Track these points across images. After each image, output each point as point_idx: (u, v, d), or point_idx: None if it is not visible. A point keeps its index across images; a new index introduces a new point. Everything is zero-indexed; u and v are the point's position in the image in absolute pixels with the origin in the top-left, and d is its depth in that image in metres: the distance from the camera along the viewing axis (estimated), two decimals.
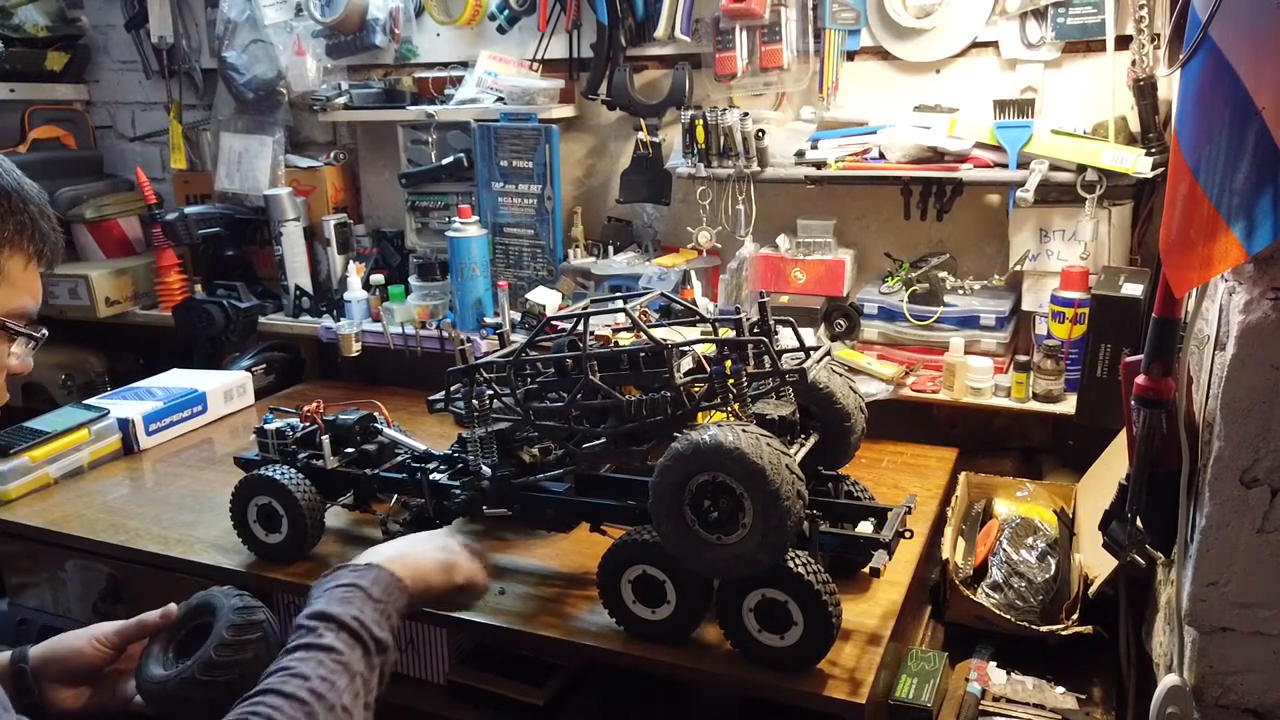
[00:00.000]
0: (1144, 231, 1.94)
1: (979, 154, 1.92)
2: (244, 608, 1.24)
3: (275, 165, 2.67)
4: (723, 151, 2.09)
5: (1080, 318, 1.85)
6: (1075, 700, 1.55)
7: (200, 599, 1.29)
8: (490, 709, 1.58)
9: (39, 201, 0.95)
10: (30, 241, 0.92)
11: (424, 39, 2.50)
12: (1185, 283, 1.16)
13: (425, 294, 2.46)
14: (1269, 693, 1.22)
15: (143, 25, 2.82)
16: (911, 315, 2.03)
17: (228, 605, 1.24)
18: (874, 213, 2.18)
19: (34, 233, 0.92)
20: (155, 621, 1.25)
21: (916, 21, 2.00)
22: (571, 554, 1.67)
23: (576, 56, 2.34)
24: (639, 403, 1.40)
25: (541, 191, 2.35)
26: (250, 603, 1.26)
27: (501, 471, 1.57)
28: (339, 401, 1.86)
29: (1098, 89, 1.92)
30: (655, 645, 1.41)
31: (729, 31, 2.08)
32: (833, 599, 1.30)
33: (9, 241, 0.90)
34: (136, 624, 1.24)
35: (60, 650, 1.19)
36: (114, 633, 1.23)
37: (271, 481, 1.63)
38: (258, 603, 1.27)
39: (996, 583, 1.67)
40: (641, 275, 2.23)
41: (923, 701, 1.44)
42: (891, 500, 1.51)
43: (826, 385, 1.52)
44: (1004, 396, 1.95)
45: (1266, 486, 1.14)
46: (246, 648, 1.21)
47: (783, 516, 1.21)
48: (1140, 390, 1.23)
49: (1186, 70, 1.10)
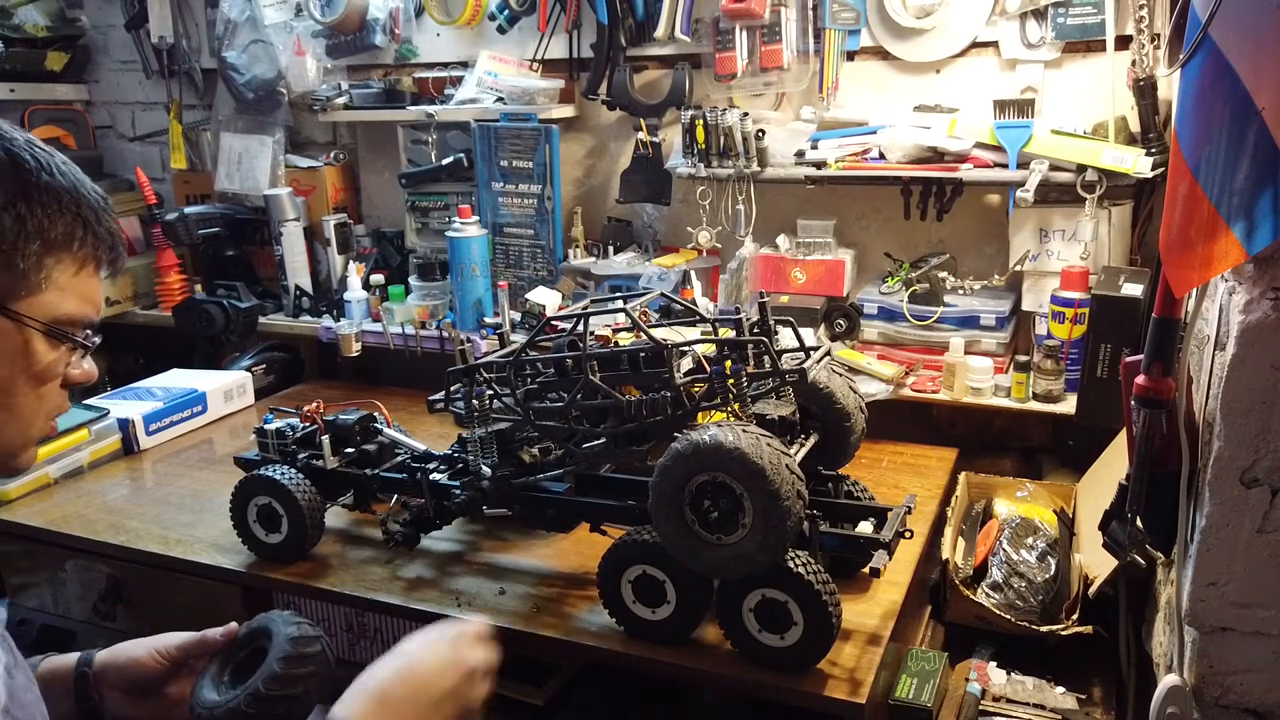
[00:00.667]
0: (1144, 231, 1.94)
1: (979, 154, 1.92)
2: (298, 638, 1.17)
3: (275, 165, 2.67)
4: (723, 151, 2.09)
5: (1080, 318, 1.85)
6: (1075, 700, 1.55)
7: (261, 622, 1.23)
8: (490, 709, 1.57)
9: (95, 203, 0.89)
10: (82, 245, 0.87)
11: (424, 39, 2.50)
12: (1185, 283, 1.16)
13: (425, 294, 2.46)
14: (1269, 693, 1.22)
15: (143, 25, 2.82)
16: (911, 315, 2.03)
17: (283, 635, 1.18)
18: (874, 213, 2.18)
19: (87, 236, 0.87)
20: (216, 640, 1.20)
21: (916, 21, 2.00)
22: (571, 554, 1.67)
23: (576, 56, 2.34)
24: (639, 403, 1.40)
25: (541, 191, 2.35)
26: (307, 633, 1.19)
27: (501, 471, 1.57)
28: (339, 401, 1.86)
29: (1098, 89, 1.92)
30: (655, 645, 1.41)
31: (729, 31, 2.08)
32: (833, 599, 1.30)
33: (58, 245, 0.85)
34: (198, 640, 1.20)
35: (120, 658, 1.17)
36: (175, 646, 1.19)
37: (271, 481, 1.63)
38: (316, 632, 1.20)
39: (996, 583, 1.66)
40: (641, 275, 2.23)
41: (923, 701, 1.44)
42: (891, 500, 1.51)
43: (826, 385, 1.52)
44: (1004, 396, 1.95)
45: (1266, 486, 1.14)
46: (296, 683, 1.15)
47: (783, 516, 1.21)
48: (1140, 390, 1.23)
49: (1186, 70, 1.10)
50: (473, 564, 1.67)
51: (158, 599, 1.78)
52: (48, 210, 0.83)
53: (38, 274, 0.83)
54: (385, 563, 1.67)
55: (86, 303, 0.89)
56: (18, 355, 0.83)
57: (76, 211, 0.86)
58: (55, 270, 0.84)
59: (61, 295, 0.86)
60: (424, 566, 1.66)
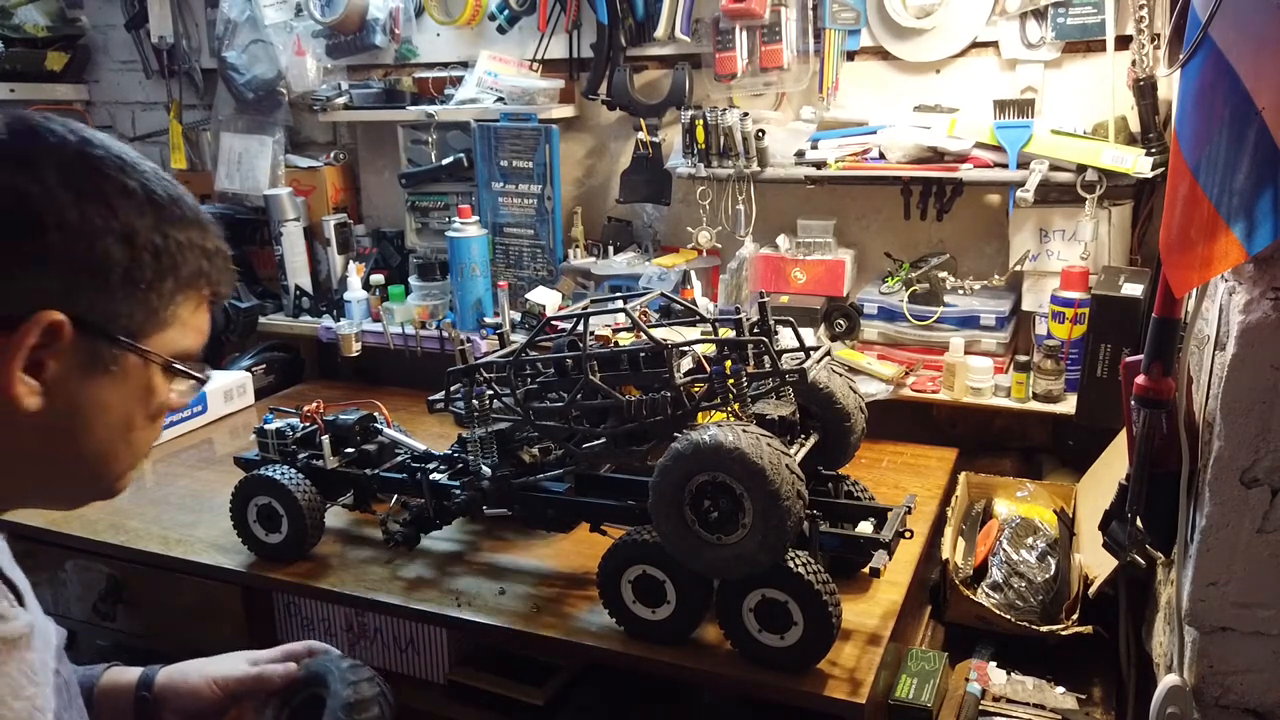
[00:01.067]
0: (1144, 231, 1.94)
1: (979, 154, 1.91)
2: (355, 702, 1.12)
3: (275, 165, 2.67)
4: (723, 151, 2.09)
5: (1080, 318, 1.85)
6: (1075, 700, 1.55)
7: (319, 667, 1.17)
8: (490, 709, 1.58)
9: (218, 237, 0.87)
10: (207, 282, 0.85)
11: (424, 39, 2.50)
12: (1185, 283, 1.16)
13: (425, 294, 2.46)
14: (1269, 693, 1.22)
15: (143, 25, 2.82)
16: (911, 315, 2.03)
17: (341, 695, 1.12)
18: (874, 213, 2.18)
19: (211, 272, 0.85)
20: (275, 681, 1.17)
21: (916, 21, 2.00)
22: (571, 554, 1.67)
23: (576, 56, 2.34)
24: (639, 403, 1.40)
25: (541, 191, 2.35)
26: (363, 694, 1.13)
27: (501, 471, 1.57)
28: (339, 401, 1.86)
29: (1098, 89, 1.92)
30: (655, 645, 1.41)
31: (729, 31, 2.08)
32: (833, 599, 1.30)
33: (187, 282, 0.82)
34: (256, 677, 1.17)
35: (180, 684, 1.15)
36: (234, 680, 1.16)
37: (271, 481, 1.63)
38: (374, 691, 1.14)
39: (996, 583, 1.66)
40: (641, 275, 2.23)
41: (923, 701, 1.44)
42: (891, 500, 1.51)
43: (826, 385, 1.52)
44: (1004, 396, 1.95)
45: (1266, 486, 1.14)
46: None
47: (783, 516, 1.21)
48: (1140, 390, 1.23)
49: (1186, 70, 1.10)
50: (473, 564, 1.67)
51: (158, 599, 1.78)
52: (181, 247, 0.81)
53: (166, 310, 0.81)
54: (385, 563, 1.67)
55: (201, 335, 0.88)
56: (142, 391, 0.82)
57: (203, 247, 0.84)
58: (181, 306, 0.83)
59: (183, 330, 0.84)
60: (424, 566, 1.66)
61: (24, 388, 0.74)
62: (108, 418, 0.81)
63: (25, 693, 0.78)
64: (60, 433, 0.79)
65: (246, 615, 1.71)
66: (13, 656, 0.79)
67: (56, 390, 0.76)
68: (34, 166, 0.74)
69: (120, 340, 0.78)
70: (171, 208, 0.81)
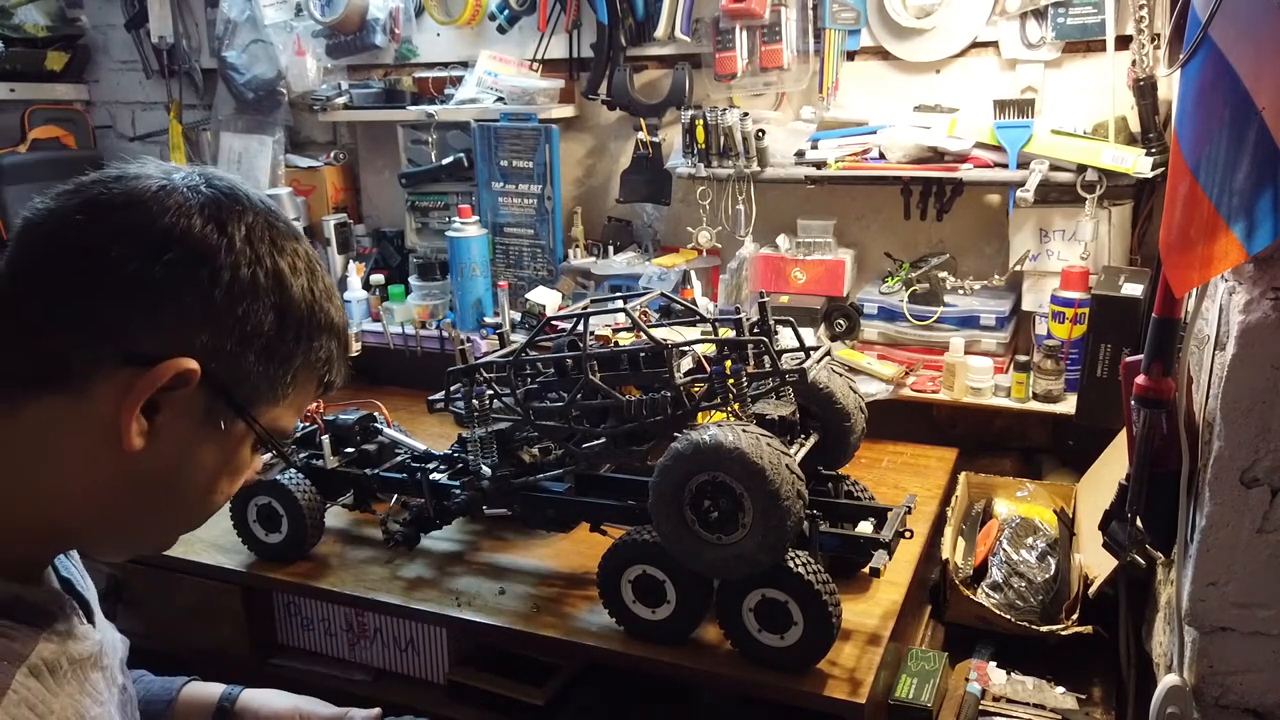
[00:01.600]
0: (1144, 231, 1.94)
1: (979, 154, 1.91)
2: None
3: (275, 165, 2.67)
4: (723, 151, 2.09)
5: (1080, 318, 1.85)
6: (1075, 700, 1.55)
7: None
8: (490, 709, 1.58)
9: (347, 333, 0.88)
10: (328, 374, 0.86)
11: (424, 39, 2.50)
12: (1185, 283, 1.16)
13: (425, 294, 2.46)
14: (1269, 693, 1.22)
15: (143, 25, 2.82)
16: (911, 315, 2.03)
17: None
18: (874, 213, 2.18)
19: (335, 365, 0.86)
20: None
21: (916, 21, 2.00)
22: (571, 554, 1.67)
23: (576, 56, 2.33)
24: (639, 403, 1.40)
25: (541, 191, 2.35)
26: None
27: (501, 471, 1.57)
28: (339, 401, 1.86)
29: (1098, 89, 1.92)
30: (655, 645, 1.41)
31: (729, 31, 2.08)
32: (833, 599, 1.30)
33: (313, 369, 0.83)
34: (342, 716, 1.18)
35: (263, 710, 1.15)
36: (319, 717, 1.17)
37: (271, 481, 1.62)
38: None
39: (996, 583, 1.66)
40: (641, 275, 2.23)
41: (923, 701, 1.44)
42: (891, 500, 1.51)
43: (826, 385, 1.52)
44: (1004, 396, 1.95)
45: (1266, 486, 1.14)
46: None
47: (783, 516, 1.21)
48: (1140, 390, 1.22)
49: (1186, 70, 1.10)
50: (473, 564, 1.67)
51: (158, 599, 1.78)
52: (321, 332, 0.82)
53: (287, 388, 0.81)
54: (385, 563, 1.67)
55: (300, 416, 0.88)
56: (232, 455, 0.81)
57: (337, 338, 0.85)
58: (299, 388, 0.83)
59: (290, 412, 0.85)
60: (424, 566, 1.66)
61: (136, 426, 0.73)
62: (199, 476, 0.80)
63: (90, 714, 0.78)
64: (150, 480, 0.77)
65: (246, 615, 1.71)
66: (78, 676, 0.78)
67: (163, 436, 0.75)
68: (227, 224, 0.75)
69: (238, 405, 0.78)
70: (326, 294, 0.82)
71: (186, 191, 0.76)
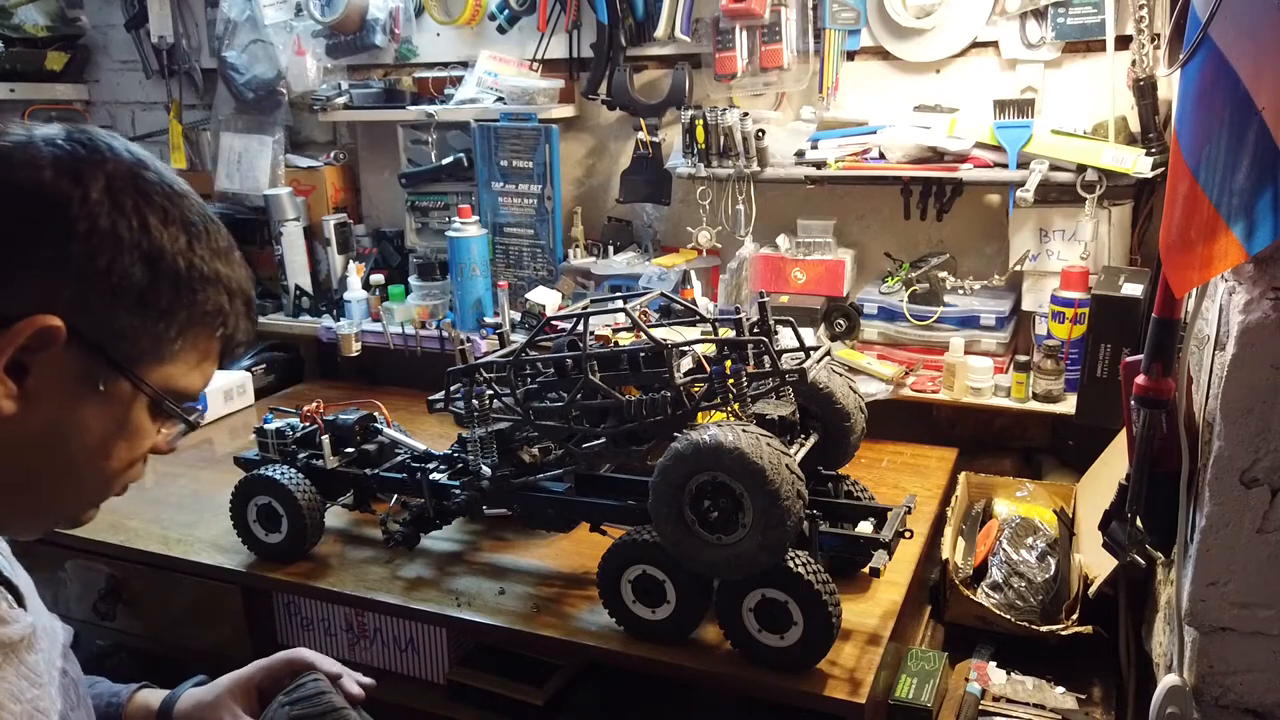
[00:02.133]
0: (1144, 231, 1.94)
1: (979, 154, 1.91)
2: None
3: (275, 165, 2.67)
4: (723, 151, 2.09)
5: (1080, 318, 1.85)
6: (1075, 700, 1.55)
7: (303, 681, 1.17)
8: (490, 709, 1.58)
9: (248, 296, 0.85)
10: (223, 324, 0.82)
11: (424, 39, 2.50)
12: (1185, 283, 1.16)
13: (425, 294, 2.46)
14: (1269, 693, 1.22)
15: (143, 25, 2.82)
16: (911, 315, 2.03)
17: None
18: (874, 213, 2.18)
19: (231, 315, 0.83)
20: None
21: (916, 21, 2.00)
22: (571, 554, 1.67)
23: (576, 56, 2.33)
24: (639, 403, 1.40)
25: (541, 191, 2.35)
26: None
27: (501, 471, 1.57)
28: (339, 401, 1.86)
29: (1098, 89, 1.92)
30: (655, 645, 1.41)
31: (729, 31, 2.08)
32: (833, 599, 1.30)
33: (202, 319, 0.80)
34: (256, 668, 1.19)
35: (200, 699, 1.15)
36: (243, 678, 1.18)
37: (271, 481, 1.63)
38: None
39: (996, 583, 1.66)
40: (641, 275, 2.23)
41: (923, 701, 1.44)
42: (891, 500, 1.51)
43: (826, 385, 1.52)
44: (1004, 396, 1.95)
45: (1266, 486, 1.14)
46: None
47: (783, 516, 1.21)
48: (1140, 390, 1.22)
49: (1186, 70, 1.10)
50: (473, 564, 1.67)
51: (158, 599, 1.78)
52: (204, 280, 0.79)
53: (173, 343, 0.79)
54: (385, 563, 1.67)
55: (204, 379, 0.85)
56: (126, 422, 0.79)
57: (228, 286, 0.82)
58: (190, 342, 0.80)
59: (185, 369, 0.81)
60: (424, 566, 1.66)
61: (3, 389, 0.71)
62: (83, 439, 0.77)
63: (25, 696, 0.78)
64: (32, 447, 0.75)
65: (246, 615, 1.71)
66: (12, 660, 0.79)
67: (36, 399, 0.73)
68: (83, 176, 0.74)
69: (116, 362, 0.76)
70: (204, 239, 0.80)
71: (41, 145, 0.74)
